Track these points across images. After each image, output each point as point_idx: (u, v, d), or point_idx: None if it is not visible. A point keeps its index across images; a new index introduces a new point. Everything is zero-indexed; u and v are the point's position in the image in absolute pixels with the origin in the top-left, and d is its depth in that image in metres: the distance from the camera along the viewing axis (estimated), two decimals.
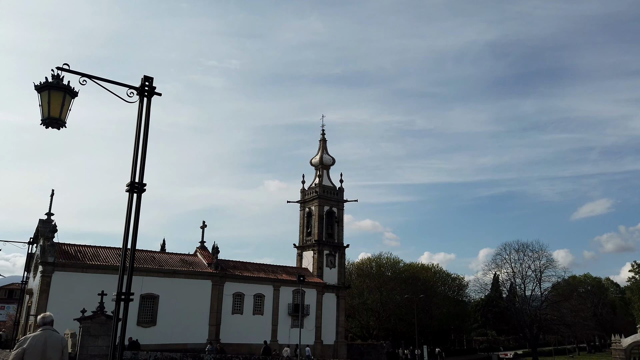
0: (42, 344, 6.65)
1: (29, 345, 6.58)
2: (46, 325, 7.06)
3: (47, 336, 6.83)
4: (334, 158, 59.12)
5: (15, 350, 6.53)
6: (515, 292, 71.91)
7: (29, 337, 6.75)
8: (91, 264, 38.34)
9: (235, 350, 42.62)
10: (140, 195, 7.28)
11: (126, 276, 6.92)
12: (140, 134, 7.54)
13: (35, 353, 6.52)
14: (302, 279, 28.84)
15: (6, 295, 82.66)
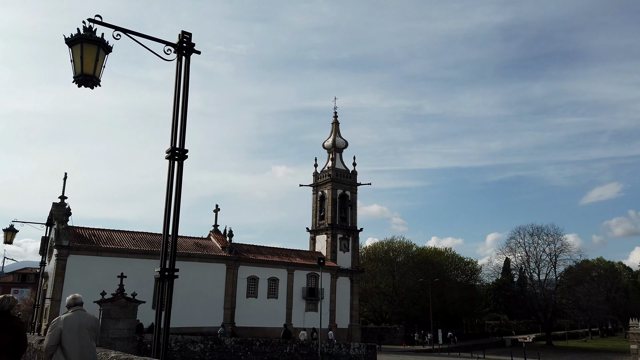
0: (77, 325, 6.53)
1: (65, 326, 6.43)
2: (77, 306, 6.87)
3: (81, 316, 6.70)
4: (347, 141, 58.29)
5: (51, 332, 6.38)
6: (530, 276, 71.26)
7: (62, 319, 6.57)
8: (106, 247, 38.08)
9: (250, 333, 42.43)
10: (182, 162, 6.61)
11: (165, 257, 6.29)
12: (180, 95, 6.84)
13: (71, 333, 6.40)
14: (322, 262, 28.32)
15: (19, 280, 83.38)
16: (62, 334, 6.35)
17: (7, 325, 6.03)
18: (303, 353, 25.74)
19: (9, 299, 6.30)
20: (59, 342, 6.31)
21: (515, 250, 71.60)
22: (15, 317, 6.44)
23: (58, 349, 6.31)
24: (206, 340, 23.36)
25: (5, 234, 18.28)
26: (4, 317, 6.10)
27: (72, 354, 6.26)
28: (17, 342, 6.05)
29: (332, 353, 26.76)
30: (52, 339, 6.32)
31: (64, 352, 6.27)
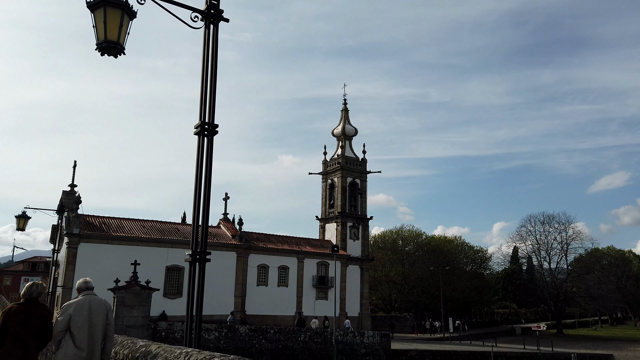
0: (87, 309, 6.25)
1: (75, 311, 6.18)
2: (88, 290, 6.59)
3: (91, 300, 6.41)
4: (356, 128, 57.64)
5: (60, 317, 6.14)
6: (541, 264, 70.72)
7: (72, 303, 6.32)
8: (116, 236, 37.93)
9: (260, 321, 42.30)
10: (212, 137, 6.15)
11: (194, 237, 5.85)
12: (208, 66, 6.36)
13: (81, 318, 6.15)
14: (336, 250, 27.91)
15: (29, 268, 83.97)
16: (71, 319, 6.11)
17: (35, 313, 5.92)
18: (317, 341, 25.49)
19: (38, 286, 6.15)
20: (67, 328, 6.08)
21: (525, 239, 71.04)
22: (44, 305, 6.26)
23: (67, 334, 6.08)
24: (220, 328, 23.13)
25: (18, 220, 17.98)
26: (33, 305, 5.98)
27: (81, 340, 6.02)
28: (45, 330, 5.93)
29: (346, 341, 26.49)
30: (60, 324, 6.09)
31: (73, 339, 6.03)
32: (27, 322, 5.77)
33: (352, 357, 26.25)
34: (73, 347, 5.98)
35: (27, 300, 6.01)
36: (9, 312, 5.85)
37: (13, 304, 6.06)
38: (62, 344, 6.06)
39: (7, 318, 5.77)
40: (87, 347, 6.02)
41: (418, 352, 29.90)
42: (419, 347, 32.89)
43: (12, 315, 5.79)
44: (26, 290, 6.13)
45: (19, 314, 5.81)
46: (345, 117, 57.58)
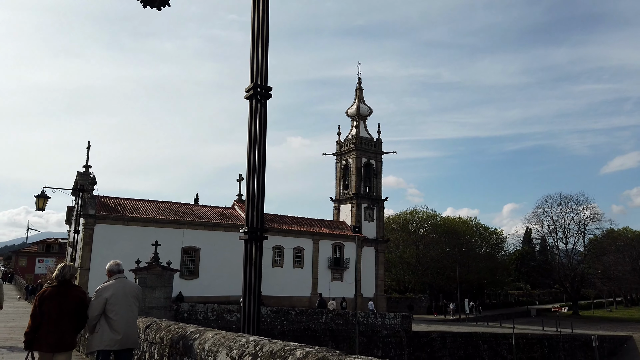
0: (122, 292, 6.10)
1: (110, 294, 6.00)
2: (120, 273, 6.41)
3: (125, 284, 6.27)
4: (371, 108, 56.60)
5: (95, 300, 5.96)
6: (557, 246, 69.92)
7: (108, 286, 6.14)
8: (132, 217, 37.70)
9: (276, 302, 42.18)
10: (265, 102, 5.49)
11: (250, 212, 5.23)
12: (259, 21, 5.66)
13: (117, 302, 5.98)
14: (358, 230, 27.31)
15: (44, 250, 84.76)
16: (107, 302, 5.91)
17: (69, 295, 5.82)
18: (339, 322, 25.14)
19: (70, 268, 6.04)
20: (102, 312, 5.91)
21: (542, 220, 70.09)
22: (78, 286, 6.14)
23: (102, 318, 5.91)
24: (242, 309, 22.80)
25: (38, 200, 17.57)
26: (66, 287, 5.88)
27: (118, 324, 5.86)
28: (80, 312, 5.84)
29: (367, 323, 26.12)
30: (96, 308, 5.89)
31: (109, 322, 5.86)
32: (62, 305, 5.66)
33: (373, 339, 25.91)
34: (109, 332, 5.79)
35: (60, 282, 5.86)
36: (43, 296, 5.71)
37: (47, 287, 5.89)
38: (97, 328, 5.88)
39: (42, 302, 5.66)
40: (123, 331, 5.84)
41: (439, 334, 29.50)
42: (439, 329, 32.52)
43: (47, 299, 5.67)
44: (59, 271, 5.95)
45: (53, 296, 5.69)
46: (359, 96, 56.52)
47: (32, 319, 5.67)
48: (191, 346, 4.89)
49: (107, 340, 5.75)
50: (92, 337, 5.90)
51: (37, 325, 5.61)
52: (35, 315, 5.64)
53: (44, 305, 5.65)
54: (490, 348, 32.09)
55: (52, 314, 5.60)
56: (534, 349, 35.20)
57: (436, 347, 28.65)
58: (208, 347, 4.54)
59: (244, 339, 4.24)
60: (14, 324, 18.67)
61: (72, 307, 5.76)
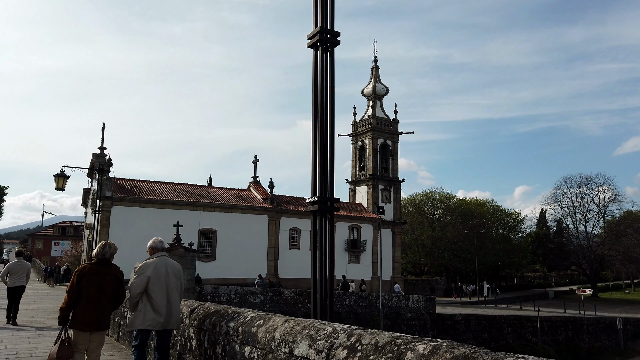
0: (164, 271, 5.81)
1: (153, 272, 5.73)
2: (162, 252, 6.09)
3: (167, 262, 5.95)
4: (388, 87, 55.34)
5: (137, 278, 5.68)
6: (576, 227, 68.68)
7: (149, 264, 5.84)
8: (149, 199, 37.31)
9: (293, 285, 41.83)
10: (333, 50, 4.68)
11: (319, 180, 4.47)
12: None
13: (159, 281, 5.72)
14: (381, 211, 26.60)
15: (60, 233, 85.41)
16: (149, 281, 5.66)
17: (109, 274, 5.69)
18: (362, 305, 24.60)
19: (110, 246, 5.88)
20: (144, 290, 5.68)
21: (561, 201, 68.76)
22: (116, 266, 5.93)
23: (144, 297, 5.69)
24: (266, 292, 22.32)
25: (57, 179, 17.02)
26: (106, 265, 5.74)
27: (160, 304, 5.63)
28: (118, 291, 5.76)
29: (391, 305, 25.55)
30: (139, 286, 5.66)
31: (151, 301, 5.64)
32: (101, 283, 5.54)
33: (397, 322, 25.38)
34: (152, 312, 5.58)
35: (100, 260, 5.73)
36: (82, 273, 5.57)
37: (85, 264, 5.75)
38: (140, 307, 5.67)
39: (81, 278, 5.52)
40: (166, 310, 5.61)
41: (463, 317, 28.89)
42: (462, 312, 31.91)
43: (86, 276, 5.54)
44: (99, 249, 5.80)
45: (93, 274, 5.56)
46: (375, 75, 55.26)
47: (69, 295, 5.46)
48: (255, 334, 4.19)
49: (150, 320, 5.54)
50: (135, 315, 5.65)
51: (74, 302, 5.43)
52: (73, 291, 5.45)
53: (82, 282, 5.48)
54: (515, 331, 31.46)
55: (91, 291, 5.45)
56: (558, 331, 34.52)
57: (460, 329, 28.07)
58: (280, 337, 3.82)
59: (328, 327, 3.51)
60: (36, 307, 18.33)
61: (111, 286, 5.63)
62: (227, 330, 4.73)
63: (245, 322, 4.50)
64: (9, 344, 8.97)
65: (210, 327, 5.17)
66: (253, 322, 4.39)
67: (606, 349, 36.61)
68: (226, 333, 4.75)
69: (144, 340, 5.71)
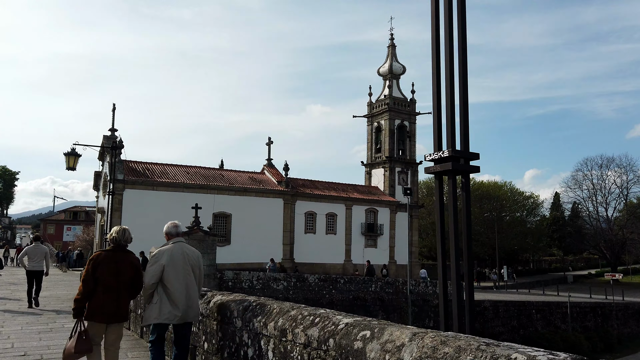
0: (181, 259, 5.27)
1: (168, 260, 5.20)
2: (179, 237, 5.53)
3: (184, 249, 5.39)
4: (404, 66, 53.48)
5: (152, 266, 5.21)
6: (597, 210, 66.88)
7: (164, 251, 5.32)
8: (161, 182, 36.22)
9: (309, 269, 40.82)
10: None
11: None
12: None
13: (175, 269, 5.19)
14: (409, 193, 25.21)
15: (71, 218, 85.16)
16: (164, 270, 5.15)
17: (126, 261, 5.28)
18: (389, 291, 23.39)
19: (125, 231, 5.42)
20: (159, 280, 5.17)
21: (581, 184, 66.89)
22: (132, 253, 5.51)
23: (159, 287, 5.18)
24: (289, 278, 21.18)
25: (67, 158, 15.81)
26: (123, 252, 5.33)
27: (177, 294, 5.12)
28: (135, 280, 5.32)
29: (418, 291, 24.33)
30: (154, 275, 5.16)
31: (167, 292, 5.13)
32: (118, 272, 5.15)
33: (424, 309, 24.18)
34: (168, 304, 5.08)
35: (117, 247, 5.31)
36: (98, 260, 5.15)
37: (100, 251, 5.29)
38: (155, 298, 5.17)
39: (96, 266, 5.10)
40: (184, 302, 5.12)
41: (491, 303, 27.62)
42: (489, 297, 30.64)
43: (102, 264, 5.12)
44: (119, 235, 5.33)
45: (110, 262, 5.15)
46: (392, 53, 53.37)
47: (84, 285, 5.03)
48: (362, 353, 2.86)
49: (167, 314, 5.05)
50: (149, 308, 5.15)
51: (90, 292, 5.01)
52: (88, 280, 5.02)
53: (98, 271, 5.05)
54: (544, 317, 30.19)
55: (108, 281, 5.04)
56: (587, 317, 33.22)
57: (489, 316, 26.84)
58: None
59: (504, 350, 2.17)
60: (48, 294, 17.33)
61: (129, 274, 5.21)
62: (308, 341, 3.41)
63: (337, 331, 3.18)
64: (17, 341, 7.80)
65: (276, 334, 3.85)
66: (352, 333, 3.06)
67: (636, 335, 35.32)
68: (306, 345, 3.43)
69: (161, 336, 5.24)
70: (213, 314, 5.44)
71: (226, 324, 5.00)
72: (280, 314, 3.96)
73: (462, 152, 3.16)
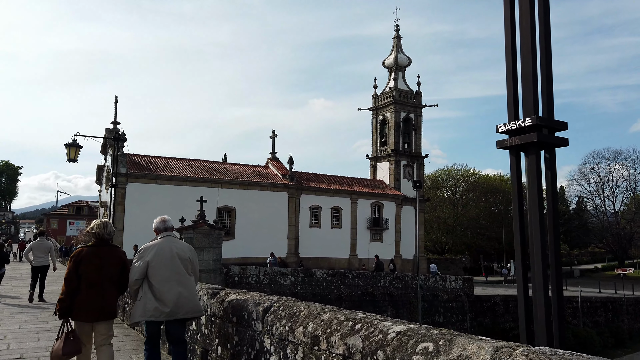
0: (168, 255, 5.03)
1: (153, 257, 4.97)
2: (167, 231, 5.31)
3: (172, 244, 5.14)
4: (410, 58, 52.72)
5: (136, 263, 5.01)
6: (604, 204, 66.17)
7: (150, 247, 5.10)
8: (165, 175, 35.73)
9: (314, 264, 40.34)
10: None
11: None
12: None
13: (161, 266, 4.95)
14: (419, 185, 24.61)
15: (74, 212, 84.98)
16: (149, 267, 4.93)
17: (111, 256, 5.06)
18: (398, 286, 22.87)
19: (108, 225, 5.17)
20: (144, 276, 4.95)
21: (588, 177, 66.15)
22: (117, 247, 5.27)
23: (144, 284, 4.94)
24: (296, 273, 20.65)
25: (68, 150, 15.26)
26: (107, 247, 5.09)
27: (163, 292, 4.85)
28: (122, 275, 5.09)
29: (428, 286, 23.81)
30: (137, 272, 4.94)
31: (152, 289, 4.88)
32: (103, 268, 4.93)
33: (434, 304, 23.65)
34: (153, 301, 4.84)
35: (100, 241, 5.06)
36: (80, 256, 4.92)
37: (82, 247, 5.06)
38: (140, 295, 4.95)
39: (79, 263, 4.88)
40: (172, 300, 4.84)
41: (502, 298, 27.09)
42: (498, 292, 30.11)
43: (84, 260, 4.90)
44: (100, 228, 5.07)
45: (93, 257, 4.92)
46: (397, 45, 52.61)
47: (67, 283, 4.81)
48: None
49: (152, 310, 4.81)
50: (135, 306, 4.98)
51: (73, 290, 4.77)
52: (71, 278, 4.80)
53: (80, 268, 4.82)
54: None
55: (91, 277, 4.81)
56: (598, 312, 32.67)
57: (499, 311, 26.31)
58: None
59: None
60: (50, 289, 16.82)
61: (114, 270, 4.98)
62: (348, 352, 2.84)
63: (387, 342, 2.60)
64: (13, 342, 7.28)
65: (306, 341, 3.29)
66: (408, 345, 2.49)
67: None
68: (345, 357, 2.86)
69: (152, 334, 5.00)
70: (227, 315, 4.89)
71: (243, 326, 4.45)
72: (309, 317, 3.40)
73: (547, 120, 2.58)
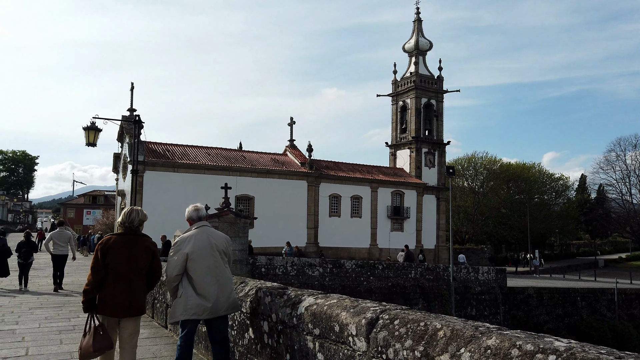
0: (207, 245, 4.55)
1: (192, 248, 4.49)
2: (202, 221, 4.76)
3: (210, 234, 4.65)
4: (431, 42, 51.05)
5: (173, 257, 4.48)
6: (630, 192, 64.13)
7: (187, 238, 4.58)
8: (182, 163, 34.93)
9: (334, 254, 39.45)
10: None
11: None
12: None
13: (201, 258, 4.49)
14: (452, 172, 23.44)
15: (90, 202, 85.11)
16: (188, 259, 4.47)
17: (139, 246, 4.51)
18: (429, 278, 21.82)
19: (138, 212, 4.64)
20: (184, 271, 4.49)
21: (615, 164, 64.06)
22: (148, 236, 4.72)
23: (184, 279, 4.50)
24: (325, 264, 19.69)
25: (87, 133, 14.41)
26: (135, 236, 4.55)
27: (204, 286, 4.44)
28: (152, 267, 4.58)
29: (460, 278, 22.72)
30: (176, 266, 4.47)
31: (193, 284, 4.46)
32: (132, 259, 4.45)
33: (466, 296, 22.58)
34: (195, 296, 4.45)
35: (128, 230, 4.58)
36: (107, 245, 4.43)
37: (110, 235, 4.61)
38: (180, 291, 4.52)
39: (106, 252, 4.39)
40: (214, 294, 4.47)
41: (535, 290, 25.89)
42: (531, 284, 28.89)
43: (112, 249, 4.41)
44: (125, 217, 4.60)
45: (120, 247, 4.44)
46: (418, 28, 50.93)
47: (94, 273, 4.39)
48: None
49: (194, 308, 4.44)
50: (175, 303, 4.55)
51: (100, 282, 4.37)
52: (98, 268, 4.38)
53: (108, 257, 4.39)
54: (589, 305, 28.35)
55: (119, 268, 4.39)
56: (633, 305, 31.29)
57: (533, 304, 25.12)
58: None
59: None
60: (69, 280, 16.12)
61: (144, 262, 4.52)
62: None
63: None
64: (32, 345, 6.35)
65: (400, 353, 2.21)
66: None
67: None
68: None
69: (191, 332, 4.56)
70: (306, 325, 3.74)
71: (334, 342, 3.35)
72: (456, 339, 2.32)
73: None
